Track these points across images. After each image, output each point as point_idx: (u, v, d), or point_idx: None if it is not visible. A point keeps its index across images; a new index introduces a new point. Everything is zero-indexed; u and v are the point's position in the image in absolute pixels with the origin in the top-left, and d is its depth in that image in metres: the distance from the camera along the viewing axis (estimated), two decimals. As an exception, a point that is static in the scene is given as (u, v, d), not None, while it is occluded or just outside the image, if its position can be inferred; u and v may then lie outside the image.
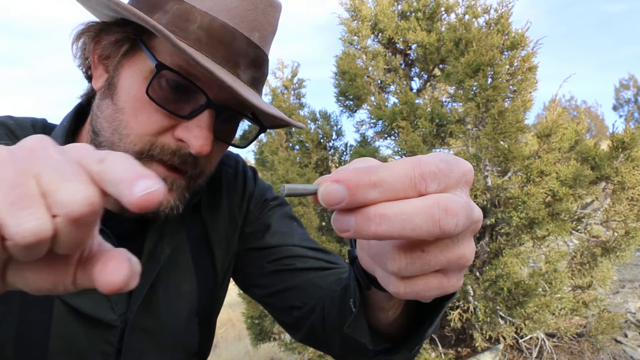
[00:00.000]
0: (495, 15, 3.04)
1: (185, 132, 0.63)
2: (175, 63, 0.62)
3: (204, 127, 0.63)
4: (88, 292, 0.69)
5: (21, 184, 0.27)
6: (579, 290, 3.01)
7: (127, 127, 0.64)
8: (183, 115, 0.63)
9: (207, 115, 0.64)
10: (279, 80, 3.57)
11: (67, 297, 0.68)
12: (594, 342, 2.87)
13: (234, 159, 0.92)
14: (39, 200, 0.27)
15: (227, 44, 0.63)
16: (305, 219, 2.86)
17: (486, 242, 2.94)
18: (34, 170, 0.28)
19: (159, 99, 0.63)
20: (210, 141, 0.63)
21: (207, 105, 0.63)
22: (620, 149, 2.65)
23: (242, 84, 0.65)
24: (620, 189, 2.68)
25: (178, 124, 0.64)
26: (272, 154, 3.30)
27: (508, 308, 2.58)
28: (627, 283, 4.18)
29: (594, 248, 2.82)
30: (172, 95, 0.63)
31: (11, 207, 0.27)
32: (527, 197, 2.51)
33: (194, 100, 0.64)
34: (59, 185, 0.27)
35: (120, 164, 0.29)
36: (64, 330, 0.67)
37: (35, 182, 0.28)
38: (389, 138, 3.30)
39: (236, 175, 0.89)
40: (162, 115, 0.63)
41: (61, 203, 0.27)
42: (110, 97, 0.66)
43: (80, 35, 0.69)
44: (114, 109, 0.65)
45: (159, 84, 0.63)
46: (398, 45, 3.48)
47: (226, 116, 0.67)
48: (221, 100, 0.65)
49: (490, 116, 2.58)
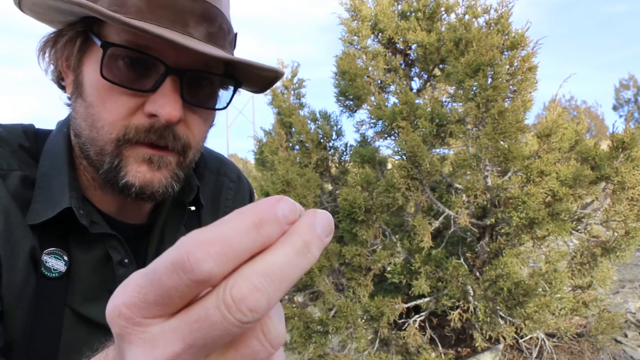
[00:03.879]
0: (495, 15, 3.04)
1: (153, 105, 0.62)
2: (124, 40, 0.61)
3: (167, 94, 0.61)
4: (98, 301, 0.69)
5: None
6: (579, 290, 3.01)
7: (100, 118, 0.63)
8: (147, 89, 0.62)
9: (170, 81, 0.62)
10: (279, 80, 3.56)
11: (78, 306, 0.68)
12: (594, 342, 2.86)
13: (236, 174, 0.92)
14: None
15: (169, 5, 0.61)
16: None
17: (486, 242, 2.94)
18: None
19: (117, 80, 0.61)
20: (178, 106, 0.62)
21: (167, 71, 0.61)
22: (620, 149, 2.64)
23: (196, 40, 0.63)
24: (620, 189, 2.67)
25: (146, 100, 0.63)
26: (272, 154, 3.30)
27: (508, 308, 2.58)
28: (627, 283, 4.18)
29: (594, 248, 2.82)
30: (130, 72, 0.62)
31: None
32: (527, 197, 2.50)
33: (155, 72, 0.62)
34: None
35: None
36: (73, 340, 0.67)
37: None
38: (389, 138, 3.29)
39: (236, 195, 0.89)
40: (128, 96, 0.62)
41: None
42: (80, 95, 0.65)
43: (43, 49, 0.68)
44: (84, 105, 0.64)
45: (115, 65, 0.61)
46: (398, 45, 3.48)
47: (193, 79, 0.65)
48: (182, 64, 0.63)
49: (490, 116, 2.58)
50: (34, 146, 0.72)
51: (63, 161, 0.68)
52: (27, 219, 0.64)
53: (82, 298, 0.68)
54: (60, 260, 0.66)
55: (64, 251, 0.67)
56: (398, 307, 2.79)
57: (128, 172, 0.63)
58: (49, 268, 0.66)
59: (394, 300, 2.79)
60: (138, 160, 0.63)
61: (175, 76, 0.62)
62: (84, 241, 0.68)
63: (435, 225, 2.87)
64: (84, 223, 0.66)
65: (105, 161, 0.64)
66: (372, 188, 2.88)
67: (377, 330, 2.98)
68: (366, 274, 2.92)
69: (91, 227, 0.67)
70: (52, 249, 0.66)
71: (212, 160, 0.90)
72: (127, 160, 0.63)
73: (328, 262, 2.85)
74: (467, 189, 2.67)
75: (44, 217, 0.65)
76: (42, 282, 0.65)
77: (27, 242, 0.64)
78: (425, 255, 2.76)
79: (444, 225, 3.05)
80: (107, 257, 0.70)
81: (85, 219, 0.66)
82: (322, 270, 2.82)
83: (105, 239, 0.70)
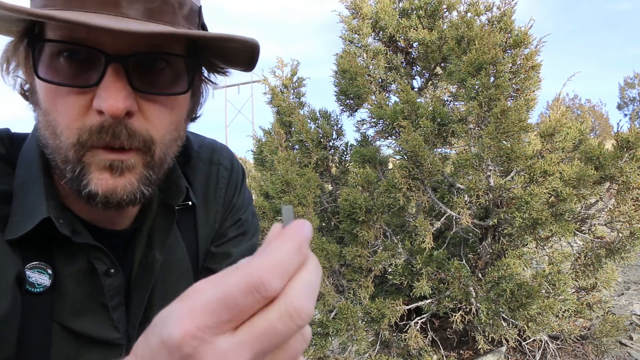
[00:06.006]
0: (497, 13, 3.01)
1: (97, 100, 0.56)
2: (58, 35, 0.56)
3: (108, 85, 0.55)
4: (87, 314, 0.67)
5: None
6: (583, 292, 2.98)
7: (57, 124, 0.58)
8: (91, 83, 0.56)
9: (111, 70, 0.56)
10: (278, 79, 3.54)
11: (66, 321, 0.65)
12: (598, 345, 2.83)
13: (229, 159, 0.89)
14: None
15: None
16: (305, 219, 2.83)
17: (489, 243, 2.90)
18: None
19: (57, 79, 0.56)
20: (121, 96, 0.55)
21: (107, 60, 0.56)
22: (625, 148, 2.61)
23: (131, 20, 0.57)
24: (625, 189, 2.64)
25: (94, 96, 0.57)
26: (272, 154, 3.27)
27: (511, 310, 2.55)
28: (632, 285, 4.14)
29: (598, 249, 2.78)
30: (71, 68, 0.57)
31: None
32: (530, 198, 2.47)
33: (98, 63, 0.56)
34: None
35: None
36: (64, 356, 0.65)
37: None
38: (390, 137, 3.26)
39: (229, 182, 0.86)
40: (76, 95, 0.57)
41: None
42: (37, 103, 0.61)
43: (5, 61, 0.64)
44: (42, 113, 0.60)
45: (53, 64, 0.57)
46: (399, 44, 3.44)
47: (142, 63, 0.59)
48: (123, 49, 0.57)
49: (493, 115, 2.54)
50: (10, 153, 0.68)
51: (37, 169, 0.65)
52: (6, 234, 0.61)
53: (70, 312, 0.66)
54: (44, 274, 0.64)
55: (48, 264, 0.64)
56: (399, 309, 2.76)
57: (90, 181, 0.58)
58: (32, 283, 0.62)
59: (395, 302, 2.76)
60: (100, 167, 0.58)
61: (117, 64, 0.56)
62: (67, 252, 0.65)
63: (436, 226, 2.84)
64: (65, 233, 0.62)
65: (68, 169, 0.59)
66: (373, 188, 2.85)
67: (378, 333, 2.95)
68: (367, 275, 2.89)
69: (74, 236, 0.64)
70: (34, 263, 0.63)
71: (203, 149, 0.86)
72: (88, 168, 0.58)
73: (328, 264, 2.82)
74: (469, 189, 2.63)
75: (23, 230, 0.61)
76: (27, 298, 0.62)
77: (8, 260, 0.60)
78: (427, 257, 2.73)
79: (445, 226, 3.01)
80: (93, 268, 0.67)
81: (66, 228, 0.63)
82: (322, 272, 2.79)
83: (89, 250, 0.67)
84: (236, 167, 0.89)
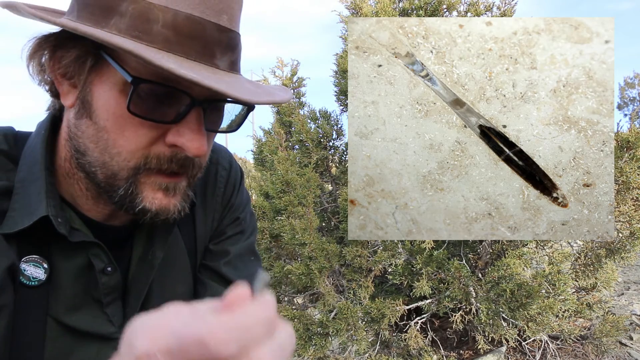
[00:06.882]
0: (498, 13, 3.01)
1: (178, 137, 0.60)
2: (150, 71, 0.58)
3: (194, 128, 0.60)
4: (82, 308, 0.68)
5: None
6: (583, 292, 2.98)
7: (116, 145, 0.61)
8: (170, 120, 0.60)
9: (195, 114, 0.60)
10: (278, 78, 3.54)
11: (61, 316, 0.66)
12: (598, 345, 2.83)
13: (227, 160, 0.90)
14: None
15: (198, 36, 0.59)
16: (305, 219, 2.83)
17: (489, 243, 2.90)
18: None
19: (142, 112, 0.59)
20: (205, 140, 0.61)
21: (192, 104, 0.60)
22: (625, 148, 2.61)
23: (222, 73, 0.62)
24: (625, 189, 2.64)
25: (167, 129, 0.61)
26: (272, 154, 3.27)
27: (511, 310, 2.55)
28: (632, 285, 4.14)
29: (598, 249, 2.78)
30: (154, 103, 0.60)
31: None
32: (530, 198, 2.47)
33: (178, 102, 0.61)
34: None
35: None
36: (59, 351, 0.65)
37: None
38: (390, 137, 3.26)
39: (227, 183, 0.87)
40: (149, 126, 0.60)
41: None
42: (88, 116, 0.62)
43: (33, 55, 0.64)
44: (95, 128, 0.61)
45: (139, 97, 0.59)
46: (399, 44, 3.44)
47: (213, 108, 0.65)
48: (205, 94, 0.61)
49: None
50: (13, 149, 0.69)
51: (41, 167, 0.66)
52: (3, 228, 0.62)
53: (65, 307, 0.66)
54: (39, 268, 0.64)
55: (44, 259, 0.65)
56: (399, 309, 2.76)
57: (144, 199, 0.63)
58: (27, 276, 0.63)
59: (395, 302, 2.76)
60: (154, 188, 0.63)
61: (199, 107, 0.61)
62: (65, 248, 0.66)
63: (436, 226, 2.84)
64: (62, 231, 0.64)
65: (120, 186, 0.62)
66: (373, 188, 2.85)
67: (378, 333, 2.95)
68: (367, 275, 2.89)
69: (71, 235, 0.65)
70: (30, 256, 0.64)
71: None
72: (142, 187, 0.63)
73: (328, 264, 2.82)
74: (469, 189, 2.63)
75: (21, 225, 0.62)
76: (22, 291, 0.63)
77: (3, 253, 0.61)
78: (427, 256, 2.73)
79: (445, 226, 3.01)
80: (90, 264, 0.68)
81: (63, 227, 0.64)
82: (322, 272, 2.79)
83: (87, 246, 0.67)
84: (235, 167, 0.90)
